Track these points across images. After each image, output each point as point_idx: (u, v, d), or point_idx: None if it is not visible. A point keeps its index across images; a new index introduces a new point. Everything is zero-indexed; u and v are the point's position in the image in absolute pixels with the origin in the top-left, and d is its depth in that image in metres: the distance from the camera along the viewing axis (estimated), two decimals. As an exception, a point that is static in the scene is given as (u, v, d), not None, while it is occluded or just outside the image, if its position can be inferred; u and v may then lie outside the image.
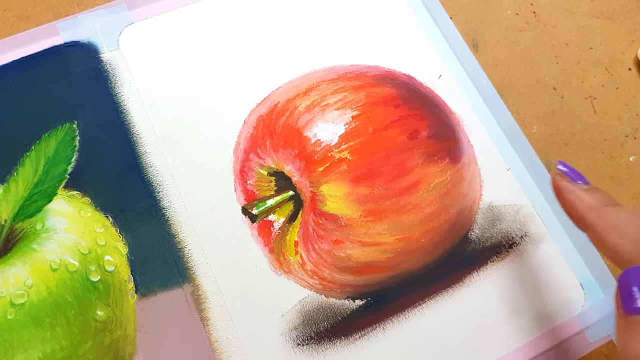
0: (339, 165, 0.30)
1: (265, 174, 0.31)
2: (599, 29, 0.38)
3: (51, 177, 0.30)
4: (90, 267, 0.28)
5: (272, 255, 0.29)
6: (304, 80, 0.33)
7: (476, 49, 0.37)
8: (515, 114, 0.35)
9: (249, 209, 0.30)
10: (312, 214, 0.29)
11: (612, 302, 0.30)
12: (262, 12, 0.35)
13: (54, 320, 0.27)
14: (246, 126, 0.32)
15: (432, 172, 0.31)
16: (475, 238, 0.31)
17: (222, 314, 0.28)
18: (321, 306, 0.29)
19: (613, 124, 0.36)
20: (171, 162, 0.31)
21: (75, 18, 0.34)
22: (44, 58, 0.32)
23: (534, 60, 0.37)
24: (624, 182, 0.34)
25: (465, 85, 0.35)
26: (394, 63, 0.34)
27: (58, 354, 0.26)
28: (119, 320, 0.27)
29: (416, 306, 0.29)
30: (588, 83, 0.37)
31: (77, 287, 0.27)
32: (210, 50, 0.34)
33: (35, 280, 0.27)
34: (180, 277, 0.28)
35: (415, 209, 0.30)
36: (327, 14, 0.36)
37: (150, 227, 0.29)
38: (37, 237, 0.28)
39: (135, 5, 0.34)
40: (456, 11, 0.38)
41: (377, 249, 0.29)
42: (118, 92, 0.32)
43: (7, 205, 0.29)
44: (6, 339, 0.26)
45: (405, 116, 0.32)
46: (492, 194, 0.32)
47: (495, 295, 0.30)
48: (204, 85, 0.33)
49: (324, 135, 0.30)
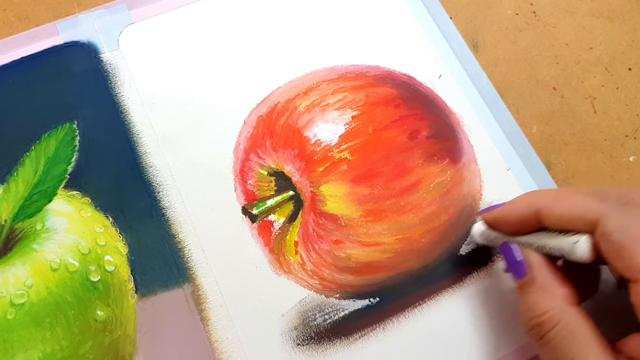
0: (339, 165, 0.30)
1: (265, 174, 0.31)
2: (599, 29, 0.38)
3: (51, 177, 0.30)
4: (90, 267, 0.28)
5: (272, 255, 0.29)
6: (304, 80, 0.33)
7: (476, 49, 0.37)
8: (515, 114, 0.35)
9: (249, 209, 0.30)
10: (312, 214, 0.29)
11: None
12: (262, 12, 0.35)
13: (54, 320, 0.27)
14: (246, 126, 0.32)
15: (432, 172, 0.31)
16: (475, 238, 0.31)
17: (222, 314, 0.28)
18: (321, 306, 0.29)
19: (613, 124, 0.36)
20: (171, 162, 0.31)
21: (75, 18, 0.34)
22: (44, 58, 0.32)
23: (534, 60, 0.37)
24: (624, 182, 0.34)
25: (465, 85, 0.35)
26: (394, 63, 0.34)
27: (58, 354, 0.26)
28: (119, 320, 0.27)
29: (416, 306, 0.29)
30: (588, 83, 0.37)
31: (77, 287, 0.27)
32: (210, 50, 0.34)
33: (35, 280, 0.27)
34: (180, 277, 0.28)
35: (415, 209, 0.30)
36: (327, 14, 0.36)
37: (150, 227, 0.29)
38: (37, 237, 0.28)
39: (135, 5, 0.34)
40: (456, 11, 0.38)
41: (377, 249, 0.29)
42: (118, 92, 0.32)
43: (7, 205, 0.29)
44: (6, 339, 0.26)
45: (405, 116, 0.32)
46: (492, 194, 0.32)
47: (495, 295, 0.30)
48: (204, 85, 0.33)
49: (324, 135, 0.30)
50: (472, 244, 0.31)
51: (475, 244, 0.31)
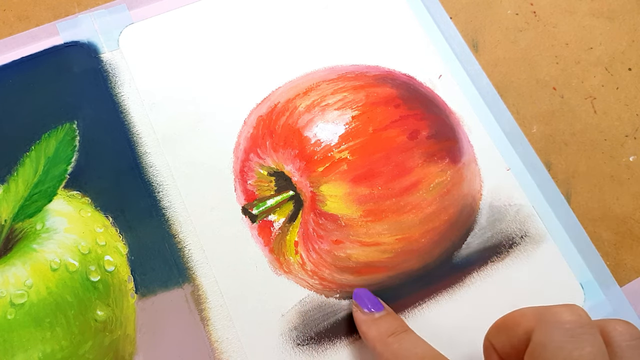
0: (339, 165, 0.30)
1: (265, 174, 0.31)
2: (599, 29, 0.38)
3: (51, 177, 0.30)
4: (90, 267, 0.28)
5: (272, 255, 0.29)
6: (304, 80, 0.33)
7: (476, 49, 0.37)
8: (515, 114, 0.35)
9: (249, 209, 0.30)
10: (312, 214, 0.29)
11: (611, 302, 0.30)
12: (262, 12, 0.35)
13: (54, 320, 0.27)
14: (246, 126, 0.32)
15: (432, 172, 0.31)
16: (475, 238, 0.31)
17: (222, 314, 0.28)
18: (321, 306, 0.29)
19: (613, 124, 0.36)
20: (171, 162, 0.31)
21: (75, 18, 0.34)
22: (44, 58, 0.32)
23: (534, 60, 0.37)
24: (624, 182, 0.34)
25: (465, 85, 0.35)
26: (394, 63, 0.34)
27: (58, 354, 0.26)
28: (119, 320, 0.27)
29: (416, 306, 0.29)
30: (588, 83, 0.37)
31: (77, 287, 0.27)
32: (210, 50, 0.34)
33: (35, 280, 0.27)
34: (180, 277, 0.28)
35: (415, 209, 0.30)
36: (327, 14, 0.36)
37: (150, 227, 0.29)
38: (37, 237, 0.28)
39: (135, 5, 0.34)
40: (456, 11, 0.38)
41: (377, 249, 0.29)
42: (118, 92, 0.32)
43: (7, 205, 0.29)
44: (6, 339, 0.26)
45: (405, 116, 0.32)
46: (492, 194, 0.32)
47: (495, 295, 0.30)
48: (204, 85, 0.33)
49: (324, 135, 0.30)
50: (472, 244, 0.31)
51: (475, 244, 0.31)
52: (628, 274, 0.32)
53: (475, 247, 0.31)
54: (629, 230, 0.33)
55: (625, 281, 0.32)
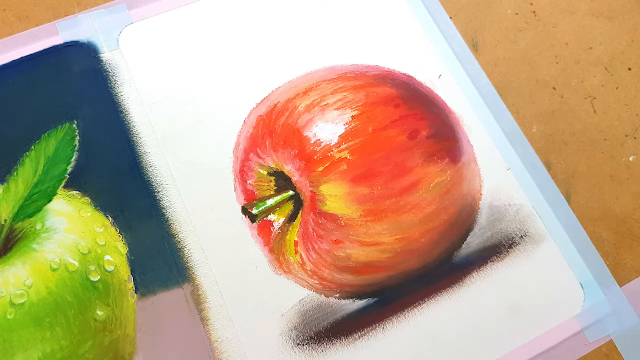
0: (339, 165, 0.30)
1: (265, 174, 0.31)
2: (599, 29, 0.38)
3: (51, 177, 0.30)
4: (90, 267, 0.28)
5: (272, 255, 0.29)
6: (304, 80, 0.33)
7: (476, 49, 0.37)
8: (515, 114, 0.35)
9: (249, 209, 0.30)
10: (312, 214, 0.29)
11: (611, 302, 0.30)
12: (262, 12, 0.35)
13: (54, 320, 0.27)
14: (246, 126, 0.32)
15: (432, 172, 0.31)
16: (475, 238, 0.31)
17: (222, 314, 0.28)
18: (321, 306, 0.29)
19: (613, 124, 0.36)
20: (171, 162, 0.31)
21: (75, 18, 0.34)
22: (44, 58, 0.32)
23: (534, 60, 0.37)
24: (624, 182, 0.34)
25: (465, 85, 0.35)
26: (394, 63, 0.34)
27: (58, 354, 0.26)
28: (119, 320, 0.27)
29: (416, 306, 0.29)
30: (588, 83, 0.37)
31: (77, 287, 0.27)
32: (210, 50, 0.34)
33: (35, 280, 0.27)
34: (180, 277, 0.28)
35: (415, 209, 0.30)
36: (327, 14, 0.36)
37: (150, 227, 0.29)
38: (37, 237, 0.28)
39: (135, 5, 0.34)
40: (456, 11, 0.38)
41: (377, 249, 0.29)
42: (118, 92, 0.32)
43: (7, 205, 0.29)
44: (6, 339, 0.26)
45: (405, 116, 0.32)
46: (492, 194, 0.32)
47: (495, 295, 0.30)
48: (204, 85, 0.33)
49: (324, 135, 0.30)
50: (472, 244, 0.31)
51: (475, 244, 0.31)
52: (628, 274, 0.32)
53: (475, 247, 0.31)
54: (629, 230, 0.33)
55: (625, 281, 0.32)
